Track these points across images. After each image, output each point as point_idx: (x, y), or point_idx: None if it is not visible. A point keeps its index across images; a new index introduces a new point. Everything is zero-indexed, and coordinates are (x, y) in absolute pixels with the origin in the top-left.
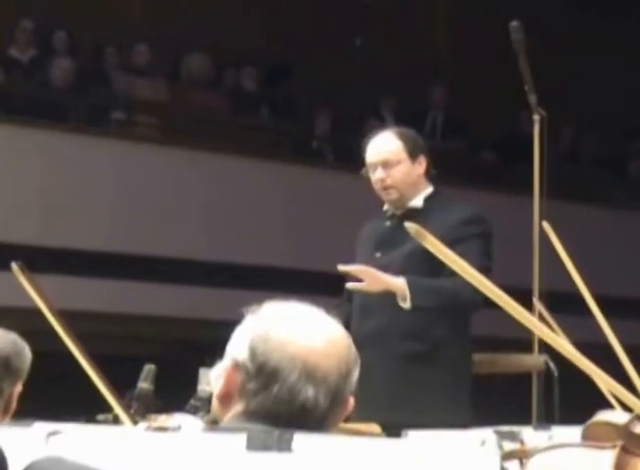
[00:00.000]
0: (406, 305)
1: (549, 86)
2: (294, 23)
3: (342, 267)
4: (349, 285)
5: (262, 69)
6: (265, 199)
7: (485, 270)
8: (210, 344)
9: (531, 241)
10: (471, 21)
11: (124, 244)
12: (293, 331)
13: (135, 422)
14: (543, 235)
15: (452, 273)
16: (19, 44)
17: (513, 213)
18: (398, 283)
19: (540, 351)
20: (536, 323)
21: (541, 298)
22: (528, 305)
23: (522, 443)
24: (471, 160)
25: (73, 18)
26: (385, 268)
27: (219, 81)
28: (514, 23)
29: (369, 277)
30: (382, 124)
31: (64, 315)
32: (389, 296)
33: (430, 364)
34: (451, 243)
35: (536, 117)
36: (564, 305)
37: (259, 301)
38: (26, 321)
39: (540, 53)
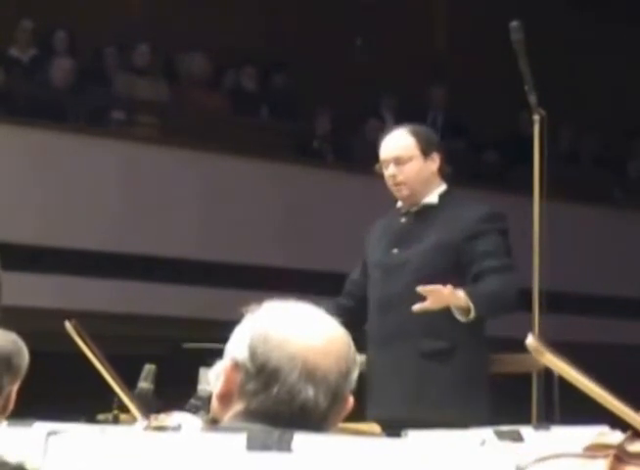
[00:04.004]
0: (469, 317)
1: (549, 86)
2: (294, 23)
3: (420, 288)
4: (416, 307)
5: (262, 68)
6: (265, 199)
7: (509, 269)
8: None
9: (531, 241)
10: (471, 21)
11: (124, 244)
12: (292, 331)
13: (146, 417)
14: (543, 235)
15: (477, 275)
16: (19, 44)
17: (513, 213)
18: (461, 298)
19: None
20: None
21: (541, 298)
22: (527, 305)
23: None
24: (471, 160)
25: (73, 18)
26: (403, 265)
27: (219, 81)
28: (514, 23)
29: (434, 295)
30: (382, 124)
31: (63, 315)
32: (409, 293)
33: (448, 362)
34: (470, 237)
35: (536, 118)
36: (564, 306)
37: (259, 301)
38: (26, 321)
39: (540, 53)
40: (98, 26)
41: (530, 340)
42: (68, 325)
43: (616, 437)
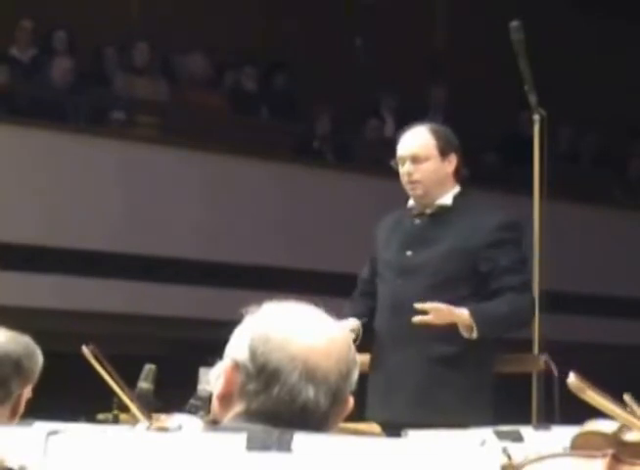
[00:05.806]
0: (472, 335)
1: (549, 86)
2: (294, 23)
3: (418, 305)
4: (416, 319)
5: (262, 68)
6: (265, 199)
7: (527, 286)
8: (210, 344)
9: (531, 241)
10: (471, 21)
11: (124, 244)
12: (292, 331)
13: (150, 418)
14: (543, 235)
15: (495, 291)
16: (19, 44)
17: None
18: (464, 316)
19: (540, 351)
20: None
21: (541, 298)
22: None
23: (509, 457)
24: (470, 160)
25: (73, 18)
26: (418, 268)
27: (219, 81)
28: (514, 23)
29: (436, 312)
30: (382, 124)
31: (62, 315)
32: (421, 296)
33: (457, 367)
34: (489, 245)
35: (536, 118)
36: (564, 306)
37: (259, 301)
38: (27, 321)
39: (540, 53)
40: (98, 26)
41: (572, 378)
42: (85, 350)
43: (607, 425)
